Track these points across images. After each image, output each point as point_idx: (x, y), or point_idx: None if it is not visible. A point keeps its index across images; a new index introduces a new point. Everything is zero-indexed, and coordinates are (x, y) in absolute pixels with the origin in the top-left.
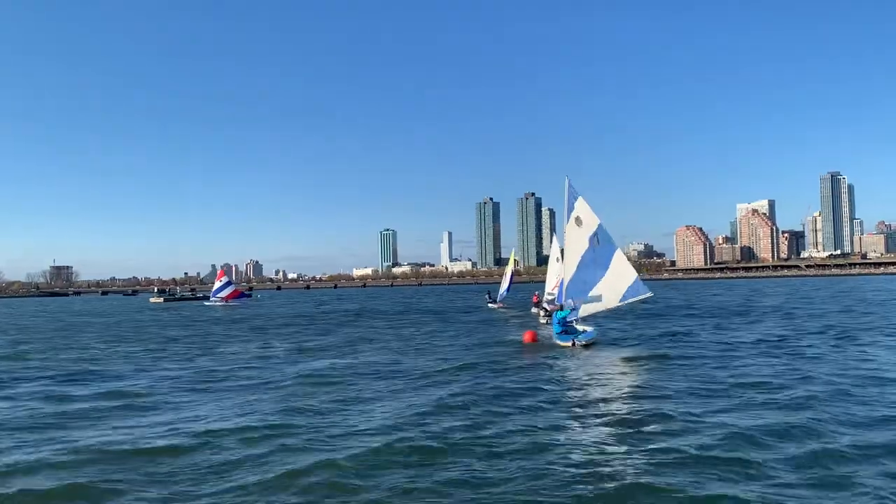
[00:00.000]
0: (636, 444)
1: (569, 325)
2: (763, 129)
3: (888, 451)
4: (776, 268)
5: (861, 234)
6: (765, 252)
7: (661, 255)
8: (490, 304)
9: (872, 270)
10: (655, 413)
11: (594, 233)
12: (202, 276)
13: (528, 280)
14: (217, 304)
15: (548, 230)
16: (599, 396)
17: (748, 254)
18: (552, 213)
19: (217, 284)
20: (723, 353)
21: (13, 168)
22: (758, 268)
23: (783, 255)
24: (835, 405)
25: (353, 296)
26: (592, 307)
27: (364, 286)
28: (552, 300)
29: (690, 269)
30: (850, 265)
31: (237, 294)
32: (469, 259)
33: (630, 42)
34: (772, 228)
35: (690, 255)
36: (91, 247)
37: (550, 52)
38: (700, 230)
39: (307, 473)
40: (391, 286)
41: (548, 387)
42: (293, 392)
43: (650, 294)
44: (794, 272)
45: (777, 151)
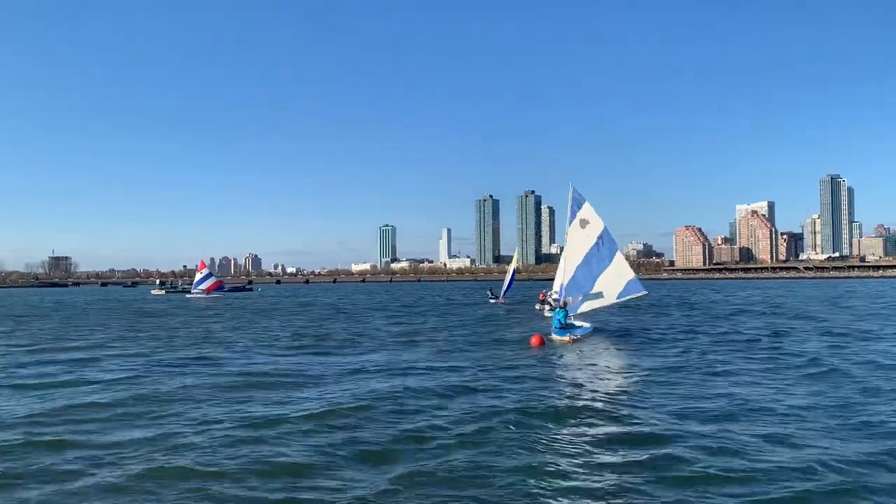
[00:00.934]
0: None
1: (567, 322)
2: (763, 131)
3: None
4: (775, 269)
5: (860, 237)
6: (763, 253)
7: (660, 255)
8: (492, 300)
9: (871, 273)
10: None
11: (600, 235)
12: None
13: (528, 278)
14: (198, 297)
15: (547, 228)
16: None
17: (747, 255)
18: (552, 211)
19: (198, 277)
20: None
21: (12, 158)
22: (756, 269)
23: (782, 257)
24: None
25: (374, 291)
26: (594, 303)
27: (363, 281)
28: (557, 298)
29: (689, 270)
30: (849, 268)
31: (217, 286)
32: (468, 256)
33: (631, 42)
34: (771, 230)
35: (689, 256)
36: (89, 238)
37: (551, 51)
38: (699, 230)
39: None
40: (390, 282)
41: (542, 381)
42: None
43: (645, 292)
44: (793, 274)
45: (777, 153)
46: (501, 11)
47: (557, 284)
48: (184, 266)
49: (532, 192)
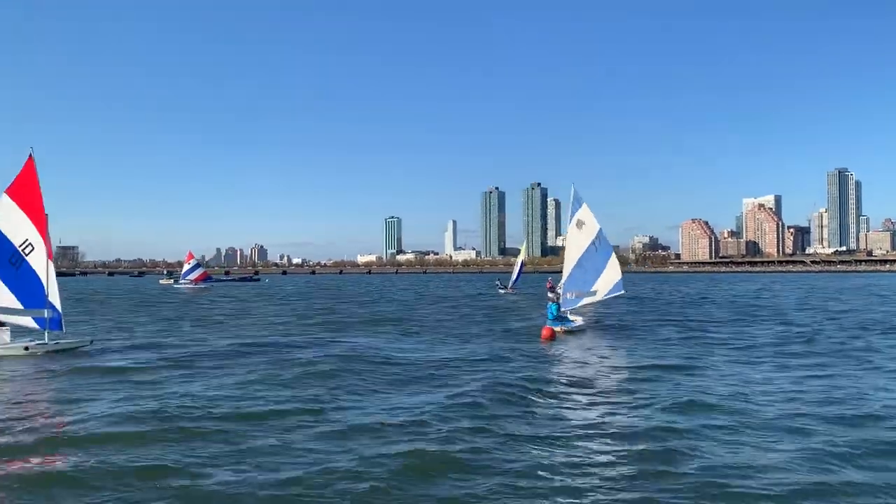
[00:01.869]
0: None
1: (561, 315)
2: (771, 124)
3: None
4: (781, 263)
5: (867, 231)
6: (770, 247)
7: (667, 248)
8: (501, 290)
9: (878, 268)
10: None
11: (596, 236)
12: (207, 260)
13: (533, 270)
14: (186, 287)
15: (553, 221)
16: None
17: (753, 248)
18: (558, 204)
19: (185, 267)
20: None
21: (18, 149)
22: (763, 262)
23: (788, 251)
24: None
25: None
26: (588, 299)
27: (369, 272)
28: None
29: (696, 263)
30: (856, 262)
31: (205, 276)
32: (473, 248)
33: (637, 35)
34: (777, 223)
35: (695, 249)
36: (96, 228)
37: (559, 44)
38: (706, 224)
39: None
40: (396, 273)
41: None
42: None
43: (623, 292)
44: (800, 268)
45: (784, 146)
46: (510, 3)
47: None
48: None
49: (538, 185)
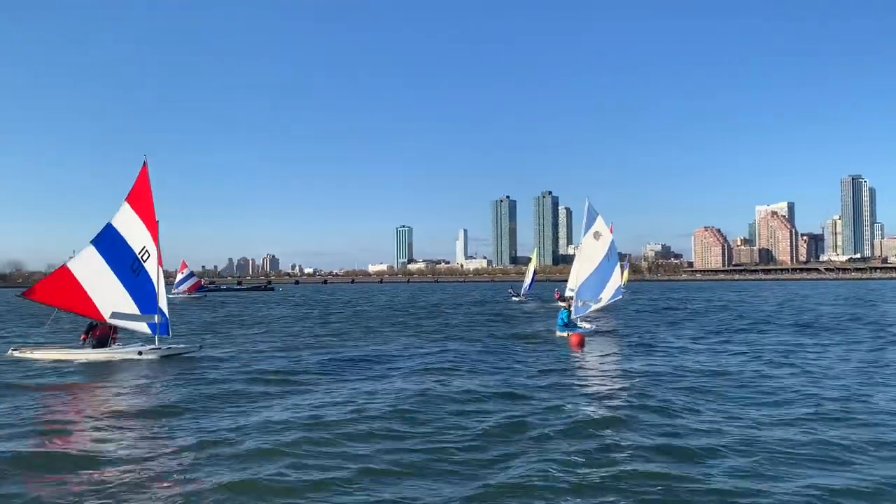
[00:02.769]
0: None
1: (571, 321)
2: (784, 131)
3: None
4: (795, 270)
5: (882, 238)
6: (783, 255)
7: (679, 256)
8: (514, 298)
9: (893, 275)
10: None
11: (609, 246)
12: (219, 270)
13: (545, 278)
14: (179, 297)
15: (564, 229)
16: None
17: (766, 256)
18: (569, 212)
19: (179, 277)
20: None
21: (33, 159)
22: (777, 270)
23: (802, 258)
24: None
25: (402, 291)
26: (595, 306)
27: (381, 282)
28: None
29: (708, 271)
30: (871, 269)
31: (197, 286)
32: (484, 257)
33: (649, 44)
34: (791, 231)
35: (708, 257)
36: None
37: (570, 53)
38: (718, 231)
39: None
40: (407, 282)
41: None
42: None
43: (621, 297)
44: (814, 275)
45: (797, 153)
46: (521, 13)
47: (572, 283)
48: (202, 266)
49: (549, 193)
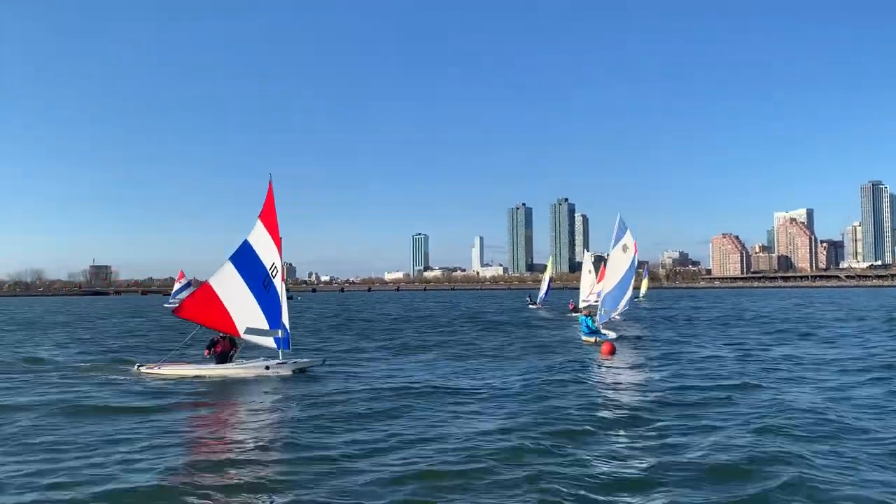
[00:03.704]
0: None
1: (595, 328)
2: (802, 137)
3: None
4: (815, 278)
5: None
6: (802, 262)
7: (697, 264)
8: (531, 305)
9: None
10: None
11: (632, 261)
12: None
13: (562, 286)
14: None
15: (581, 237)
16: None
17: (785, 263)
18: (585, 219)
19: (177, 286)
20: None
21: (51, 168)
22: (796, 277)
23: (822, 265)
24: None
25: (423, 299)
26: (614, 314)
27: (398, 290)
28: (587, 305)
29: (727, 278)
30: (892, 276)
31: None
32: (500, 264)
33: (666, 50)
34: (810, 238)
35: (726, 264)
36: (128, 246)
37: (585, 60)
38: (736, 238)
39: None
40: (424, 290)
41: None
42: None
43: (628, 307)
44: (834, 283)
45: (816, 159)
46: (537, 21)
47: (584, 293)
48: None
49: (565, 200)
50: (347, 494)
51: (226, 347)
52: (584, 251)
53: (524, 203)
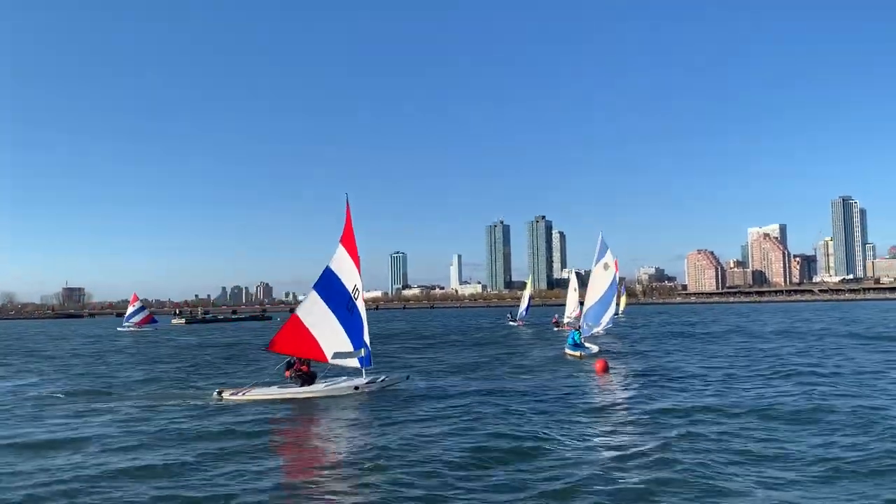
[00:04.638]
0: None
1: (579, 342)
2: (774, 153)
3: None
4: (789, 292)
5: (874, 259)
6: (777, 276)
7: (673, 279)
8: (511, 322)
9: (887, 295)
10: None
11: (612, 279)
12: (213, 299)
13: (540, 303)
14: (129, 330)
15: (558, 253)
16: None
17: (760, 278)
18: (563, 237)
19: (130, 310)
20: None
21: (24, 190)
22: (770, 292)
23: (795, 280)
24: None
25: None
26: (596, 329)
27: (377, 308)
28: (570, 322)
29: (703, 294)
30: (864, 290)
31: (149, 319)
32: (479, 282)
33: (641, 64)
34: (783, 253)
35: (702, 279)
36: (101, 269)
37: (559, 75)
38: (711, 254)
39: None
40: (403, 308)
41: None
42: None
43: (612, 325)
44: (808, 297)
45: (788, 175)
46: (512, 35)
47: (569, 309)
48: (195, 295)
49: (543, 218)
50: None
51: (307, 368)
52: (562, 268)
53: (502, 220)
